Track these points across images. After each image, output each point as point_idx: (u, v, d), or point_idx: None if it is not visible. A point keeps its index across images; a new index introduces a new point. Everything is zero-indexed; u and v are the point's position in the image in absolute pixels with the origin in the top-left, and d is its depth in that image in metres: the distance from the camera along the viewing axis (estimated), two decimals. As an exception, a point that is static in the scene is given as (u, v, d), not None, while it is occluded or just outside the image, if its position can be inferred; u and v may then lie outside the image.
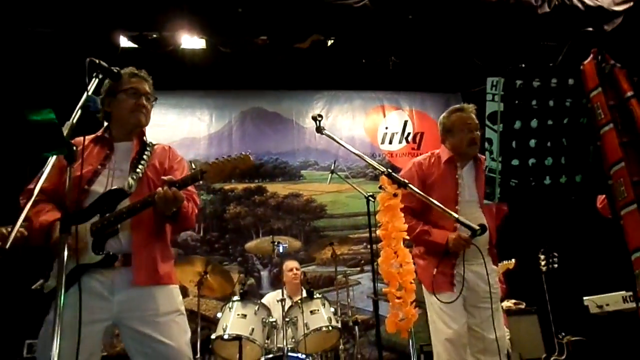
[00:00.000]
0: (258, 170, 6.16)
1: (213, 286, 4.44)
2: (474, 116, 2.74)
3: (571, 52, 5.26)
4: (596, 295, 4.09)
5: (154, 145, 2.31)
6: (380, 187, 2.05)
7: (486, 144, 1.59)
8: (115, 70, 2.01)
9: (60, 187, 2.05)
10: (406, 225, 2.02)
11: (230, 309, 3.95)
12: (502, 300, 4.76)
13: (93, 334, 1.90)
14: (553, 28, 5.19)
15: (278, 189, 6.13)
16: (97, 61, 1.90)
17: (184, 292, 4.62)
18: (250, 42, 5.56)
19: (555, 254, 4.03)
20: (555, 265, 4.00)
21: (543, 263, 4.05)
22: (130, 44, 5.30)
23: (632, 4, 5.46)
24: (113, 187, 2.07)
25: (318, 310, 4.02)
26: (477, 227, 1.71)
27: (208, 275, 4.35)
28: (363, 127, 6.62)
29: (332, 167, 5.00)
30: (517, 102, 1.57)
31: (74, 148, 1.62)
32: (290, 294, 4.79)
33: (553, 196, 1.66)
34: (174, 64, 5.52)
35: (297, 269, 4.96)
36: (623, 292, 3.91)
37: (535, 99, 1.58)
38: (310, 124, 6.55)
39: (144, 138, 2.29)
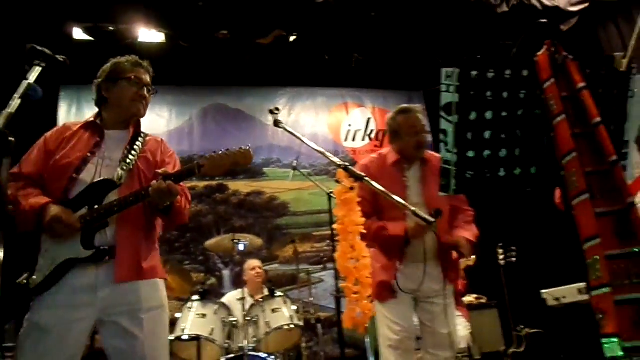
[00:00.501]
0: (220, 168, 6.05)
1: (172, 286, 4.33)
2: (420, 117, 2.70)
3: (526, 44, 5.36)
4: (553, 288, 4.18)
5: (147, 136, 2.23)
6: (337, 181, 2.02)
7: (441, 136, 1.57)
8: (61, 59, 1.90)
9: (45, 173, 1.97)
10: (363, 219, 1.99)
11: (189, 309, 3.85)
12: (463, 295, 4.83)
13: (78, 334, 1.83)
14: (511, 27, 5.28)
15: (240, 186, 6.04)
16: (39, 48, 1.80)
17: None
18: (211, 37, 5.46)
19: (514, 248, 4.10)
20: (514, 259, 4.06)
21: (501, 257, 4.10)
22: (86, 37, 5.14)
23: (587, 4, 5.61)
24: (102, 178, 1.98)
25: (280, 308, 3.96)
26: (432, 219, 1.69)
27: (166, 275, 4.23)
28: (326, 124, 6.60)
29: (294, 164, 4.95)
30: (472, 93, 1.56)
31: (10, 139, 1.52)
32: (252, 293, 4.72)
33: (508, 188, 1.65)
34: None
35: (259, 268, 4.89)
36: (579, 285, 4.00)
37: (490, 90, 1.57)
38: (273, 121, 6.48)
39: (139, 128, 2.21)
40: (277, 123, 2.36)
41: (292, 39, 5.61)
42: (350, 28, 5.58)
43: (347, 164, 1.99)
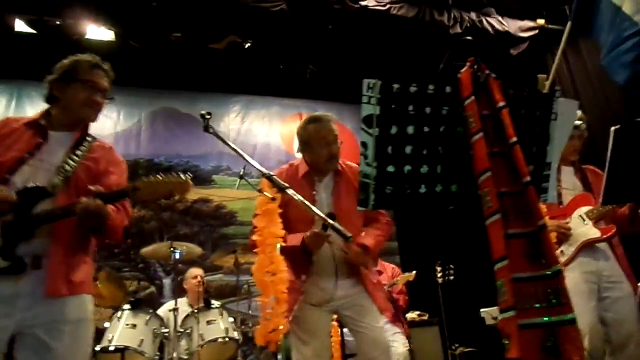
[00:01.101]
0: (167, 173, 5.88)
1: (103, 294, 4.13)
2: (333, 127, 2.59)
3: (452, 60, 5.45)
4: (492, 307, 4.21)
5: (94, 141, 2.09)
6: (259, 191, 1.95)
7: (361, 148, 1.52)
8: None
9: None
10: (283, 232, 1.93)
11: (119, 318, 3.69)
12: (405, 312, 4.83)
13: None
14: (463, 48, 5.37)
15: (187, 193, 5.88)
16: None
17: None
18: (163, 39, 5.33)
19: (452, 265, 4.11)
20: (452, 277, 4.08)
21: (439, 275, 4.12)
22: (29, 29, 4.92)
23: (537, 31, 5.78)
24: (35, 185, 1.85)
25: (215, 320, 3.85)
26: (349, 235, 1.64)
27: (98, 282, 4.04)
28: (279, 134, 6.53)
29: (241, 173, 4.84)
30: (393, 106, 1.52)
31: None
32: (192, 303, 4.58)
33: (428, 205, 1.62)
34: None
35: (201, 277, 4.75)
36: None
37: (412, 105, 1.54)
38: (225, 128, 6.38)
39: (87, 132, 2.08)
40: (206, 128, 2.29)
41: (246, 45, 5.53)
42: (306, 39, 5.56)
43: (271, 173, 1.92)
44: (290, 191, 1.79)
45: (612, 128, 2.23)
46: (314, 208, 1.70)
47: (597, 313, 2.76)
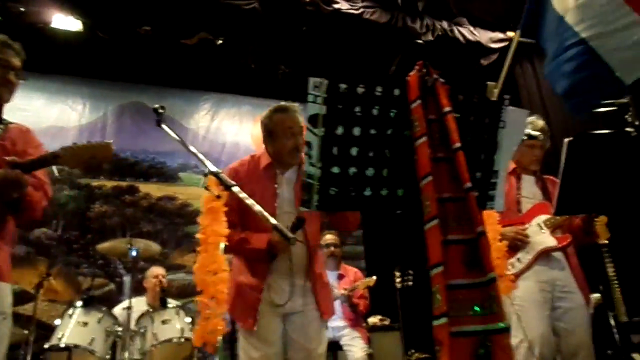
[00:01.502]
0: (132, 168, 5.78)
1: (57, 289, 4.02)
2: (299, 118, 2.48)
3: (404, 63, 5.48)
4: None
5: (9, 124, 2.04)
6: (205, 188, 1.91)
7: (306, 148, 1.50)
8: None
9: None
10: (227, 231, 1.88)
11: (70, 316, 3.58)
12: (366, 316, 4.81)
13: None
14: (435, 56, 5.40)
15: (152, 189, 5.78)
16: None
17: (24, 297, 4.13)
18: (132, 31, 5.23)
19: (411, 271, 4.12)
20: (410, 283, 4.08)
21: (398, 280, 4.12)
22: (-9, 15, 4.76)
23: (507, 43, 5.86)
24: None
25: (171, 320, 3.77)
26: (292, 236, 1.60)
27: (52, 278, 3.93)
28: (250, 133, 6.47)
29: (206, 171, 4.78)
30: (340, 107, 1.50)
31: None
32: (151, 302, 4.49)
33: (373, 208, 1.60)
34: (44, 43, 5.01)
35: (162, 276, 4.66)
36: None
37: (360, 106, 1.52)
38: (194, 125, 6.31)
39: (1, 114, 2.01)
40: (159, 123, 2.23)
41: (218, 43, 5.47)
42: (279, 39, 5.53)
43: (218, 170, 1.88)
44: (235, 189, 1.75)
45: (565, 140, 2.25)
46: (257, 207, 1.65)
47: (549, 322, 2.79)
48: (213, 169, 1.88)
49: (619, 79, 2.00)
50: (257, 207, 1.65)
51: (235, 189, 1.76)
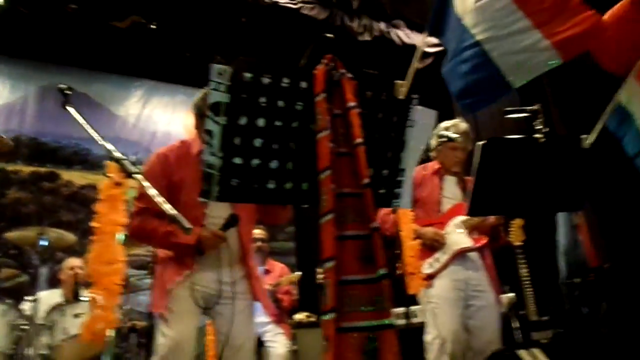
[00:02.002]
0: (54, 154, 5.49)
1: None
2: None
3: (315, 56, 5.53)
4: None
5: None
6: (106, 175, 1.81)
7: (206, 137, 1.45)
8: None
9: None
10: (124, 220, 1.80)
11: (-30, 308, 3.35)
12: (292, 312, 4.80)
13: None
14: (371, 56, 5.46)
15: (74, 177, 5.51)
16: None
17: None
18: (58, 8, 4.95)
19: None
20: None
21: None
22: None
23: (442, 48, 6.00)
24: None
25: (84, 314, 3.59)
26: (188, 226, 1.55)
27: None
28: (183, 124, 6.29)
29: (133, 160, 4.60)
30: (244, 96, 1.46)
31: None
32: (67, 295, 4.27)
33: (277, 202, 1.57)
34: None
35: (79, 268, 4.44)
36: (398, 309, 4.14)
37: (265, 97, 1.49)
38: (124, 112, 6.06)
39: None
40: (64, 104, 2.10)
41: (151, 27, 5.27)
42: (215, 29, 5.40)
43: (122, 157, 1.79)
44: (139, 177, 1.66)
45: (479, 143, 2.32)
46: (158, 198, 1.57)
47: (461, 320, 2.87)
48: (116, 154, 1.78)
49: (509, 83, 2.07)
50: (158, 198, 1.57)
51: (139, 177, 1.66)
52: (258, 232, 4.78)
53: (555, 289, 4.40)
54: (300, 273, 4.38)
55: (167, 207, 1.55)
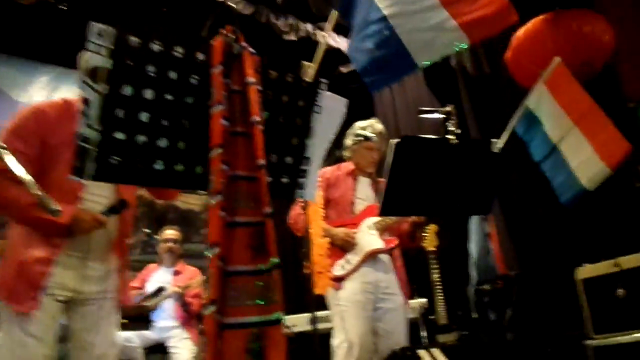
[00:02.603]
0: (-59, 140, 4.91)
1: None
2: None
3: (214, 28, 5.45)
4: (291, 315, 4.16)
5: None
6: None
7: (83, 106, 1.27)
8: None
9: None
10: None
11: None
12: (201, 317, 4.57)
13: None
14: (296, 56, 5.37)
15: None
16: None
17: None
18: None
19: None
20: None
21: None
22: None
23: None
24: None
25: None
26: (56, 208, 1.35)
27: None
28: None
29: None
30: (130, 63, 1.30)
31: None
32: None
33: (165, 185, 1.41)
34: None
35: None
36: (307, 315, 4.05)
37: (155, 66, 1.33)
38: (27, 99, 5.57)
39: None
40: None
41: (60, 8, 4.88)
42: (134, 17, 5.10)
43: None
44: (7, 157, 1.40)
45: (392, 141, 2.28)
46: (22, 174, 1.35)
47: (369, 323, 2.82)
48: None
49: (414, 62, 2.04)
50: (22, 175, 1.35)
51: (7, 157, 1.40)
52: (171, 233, 4.55)
53: (465, 295, 4.49)
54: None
55: (29, 183, 1.34)
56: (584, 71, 3.27)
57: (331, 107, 1.65)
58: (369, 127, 3.05)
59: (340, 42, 5.65)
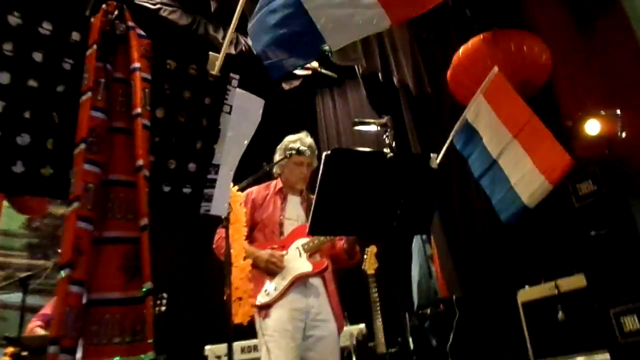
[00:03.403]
0: None
1: None
2: None
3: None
4: (220, 344, 3.84)
5: None
6: None
7: None
8: None
9: None
10: None
11: None
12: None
13: None
14: (234, 70, 5.15)
15: None
16: None
17: None
18: None
19: (165, 295, 3.63)
20: (163, 308, 3.58)
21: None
22: None
23: (310, 72, 5.89)
24: None
25: None
26: None
27: None
28: None
29: None
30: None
31: None
32: None
33: (26, 191, 1.15)
34: None
35: None
36: (242, 342, 3.75)
37: (12, 43, 1.08)
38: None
39: None
40: None
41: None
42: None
43: None
44: None
45: (324, 153, 2.07)
46: None
47: (298, 353, 2.57)
48: None
49: (322, 40, 1.81)
50: None
51: None
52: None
53: (405, 320, 4.32)
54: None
55: None
56: (523, 90, 3.22)
57: (244, 107, 1.43)
58: (297, 140, 2.86)
59: (282, 57, 5.47)
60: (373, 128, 2.28)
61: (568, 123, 3.28)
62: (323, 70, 6.04)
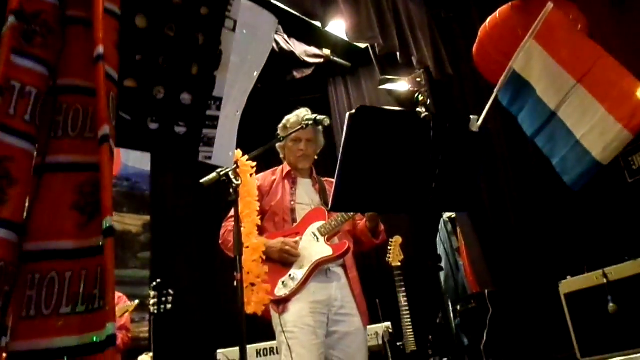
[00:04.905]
0: None
1: None
2: None
3: None
4: (233, 347, 3.53)
5: None
6: None
7: None
8: None
9: None
10: None
11: None
12: (133, 355, 3.88)
13: None
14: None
15: None
16: None
17: None
18: None
19: (171, 292, 3.33)
20: (169, 306, 3.28)
21: (153, 302, 3.28)
22: None
23: (322, 60, 5.59)
24: None
25: None
26: None
27: None
28: None
29: None
30: None
31: None
32: None
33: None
34: None
35: None
36: (258, 345, 3.46)
37: None
38: None
39: None
40: None
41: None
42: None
43: None
44: None
45: (348, 113, 1.76)
46: None
47: (323, 351, 2.25)
48: None
49: None
50: None
51: None
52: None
53: (436, 317, 3.97)
54: (137, 302, 3.50)
55: None
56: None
57: (253, 24, 1.11)
58: (293, 116, 2.57)
59: (295, 47, 5.19)
60: (404, 87, 1.95)
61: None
62: (335, 59, 5.77)
